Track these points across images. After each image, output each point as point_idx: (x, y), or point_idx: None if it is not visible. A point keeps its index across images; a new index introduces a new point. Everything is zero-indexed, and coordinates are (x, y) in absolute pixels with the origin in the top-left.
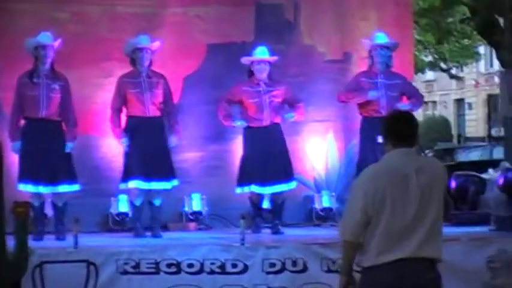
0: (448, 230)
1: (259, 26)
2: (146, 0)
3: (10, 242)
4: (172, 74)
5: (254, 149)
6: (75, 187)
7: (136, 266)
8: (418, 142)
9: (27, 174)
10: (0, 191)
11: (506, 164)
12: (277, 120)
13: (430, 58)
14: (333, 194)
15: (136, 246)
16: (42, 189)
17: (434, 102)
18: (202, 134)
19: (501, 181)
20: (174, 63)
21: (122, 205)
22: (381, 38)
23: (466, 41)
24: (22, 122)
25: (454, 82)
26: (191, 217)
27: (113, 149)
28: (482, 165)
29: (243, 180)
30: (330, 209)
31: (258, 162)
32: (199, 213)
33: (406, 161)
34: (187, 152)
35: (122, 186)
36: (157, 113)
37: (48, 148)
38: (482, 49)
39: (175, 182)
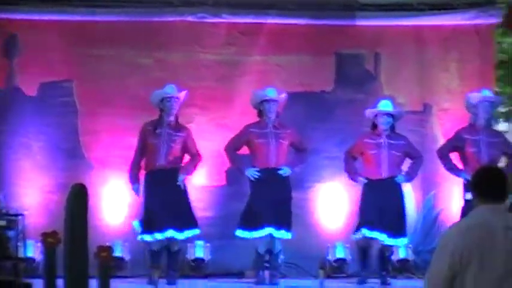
0: None
1: (339, 76)
2: (228, 49)
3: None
4: (252, 121)
5: (370, 200)
6: (196, 231)
7: None
8: (508, 198)
9: (148, 224)
10: (85, 236)
11: None
12: (396, 173)
13: (503, 109)
14: (410, 245)
15: None
16: (167, 234)
17: None
18: None
19: None
20: (254, 111)
21: (199, 251)
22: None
23: None
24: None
25: None
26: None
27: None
28: None
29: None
30: (406, 261)
31: (374, 212)
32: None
33: (493, 217)
34: None
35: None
36: (281, 163)
37: (168, 195)
38: None
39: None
